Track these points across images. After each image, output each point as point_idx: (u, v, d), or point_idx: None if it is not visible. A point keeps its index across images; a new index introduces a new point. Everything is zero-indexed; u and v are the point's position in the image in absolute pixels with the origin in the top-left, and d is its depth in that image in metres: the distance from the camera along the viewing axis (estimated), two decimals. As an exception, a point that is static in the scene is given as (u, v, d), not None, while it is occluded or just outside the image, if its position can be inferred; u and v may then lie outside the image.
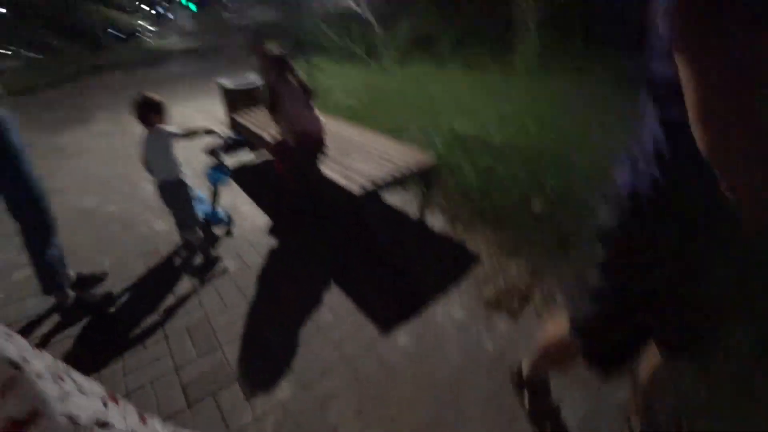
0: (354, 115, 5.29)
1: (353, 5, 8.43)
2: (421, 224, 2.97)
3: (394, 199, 3.34)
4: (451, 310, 2.13)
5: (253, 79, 5.06)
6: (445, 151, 3.90)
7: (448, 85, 7.56)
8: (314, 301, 2.25)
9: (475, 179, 3.30)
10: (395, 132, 4.51)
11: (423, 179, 2.93)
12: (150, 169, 2.53)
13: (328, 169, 2.80)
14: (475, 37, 12.24)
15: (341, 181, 2.60)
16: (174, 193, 2.54)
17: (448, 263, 2.52)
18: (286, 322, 2.12)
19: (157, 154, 2.47)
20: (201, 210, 2.77)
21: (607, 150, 4.11)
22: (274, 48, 3.05)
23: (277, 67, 2.94)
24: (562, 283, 2.27)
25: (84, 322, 2.23)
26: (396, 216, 3.14)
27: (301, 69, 7.13)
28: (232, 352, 1.95)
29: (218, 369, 1.86)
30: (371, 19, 8.66)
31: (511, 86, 6.45)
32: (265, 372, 1.83)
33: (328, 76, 8.27)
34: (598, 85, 7.98)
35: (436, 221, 3.00)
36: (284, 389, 1.74)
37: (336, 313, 2.15)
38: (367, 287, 2.34)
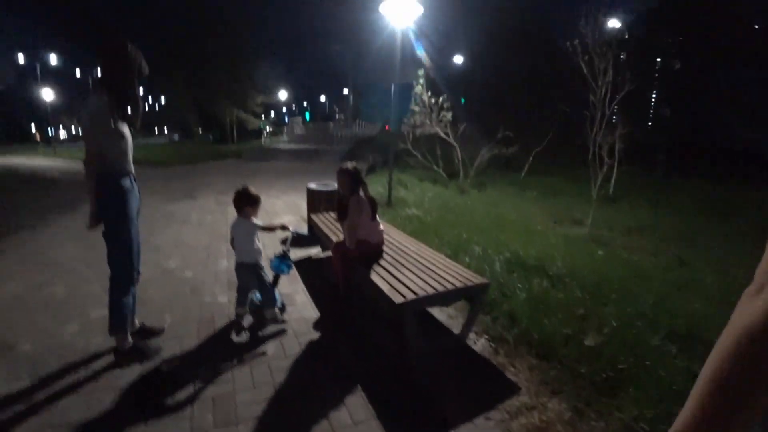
0: (421, 229, 5.56)
1: (440, 132, 9.30)
2: (461, 342, 2.92)
3: (441, 313, 3.36)
4: (473, 440, 2.01)
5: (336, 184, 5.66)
6: (503, 272, 3.92)
7: (521, 209, 7.75)
8: (337, 399, 2.25)
9: (527, 304, 3.24)
10: (457, 248, 4.65)
11: (470, 299, 2.96)
12: (234, 248, 2.95)
13: (378, 276, 2.97)
14: (554, 163, 12.72)
15: (385, 288, 2.73)
16: (250, 274, 2.91)
17: (482, 388, 2.41)
18: (304, 413, 2.14)
19: (242, 239, 2.90)
20: (257, 296, 3.07)
21: (680, 285, 3.85)
22: (348, 163, 3.49)
23: (348, 180, 3.31)
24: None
25: (131, 368, 2.46)
26: (438, 330, 3.13)
27: (384, 181, 7.89)
28: (245, 425, 2.00)
29: (228, 444, 1.91)
30: (455, 144, 9.43)
31: (584, 213, 6.46)
32: (269, 459, 1.83)
33: (408, 191, 8.92)
34: (677, 215, 7.65)
35: (480, 342, 2.92)
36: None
37: (354, 416, 2.13)
38: (393, 396, 2.30)
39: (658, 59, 16.67)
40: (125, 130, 2.44)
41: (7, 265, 4.27)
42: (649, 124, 17.35)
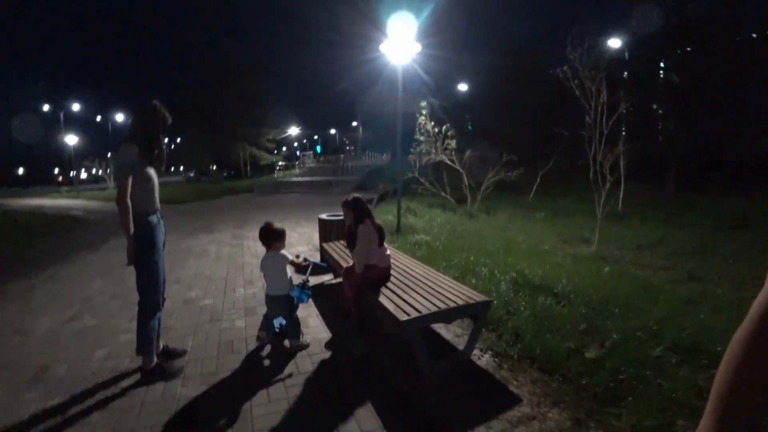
0: (429, 254, 5.71)
1: (445, 159, 9.56)
2: (466, 358, 3.02)
3: (448, 333, 3.48)
4: (474, 447, 2.11)
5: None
6: (509, 292, 4.03)
7: (530, 231, 7.84)
8: (346, 412, 2.39)
9: (531, 320, 3.34)
10: (465, 271, 4.78)
11: (474, 317, 3.09)
12: (266, 281, 3.19)
13: (385, 297, 3.13)
14: (561, 184, 12.81)
15: (391, 307, 2.89)
16: (281, 305, 3.13)
17: (484, 400, 2.52)
18: (316, 424, 2.30)
19: (273, 272, 3.13)
20: (278, 321, 3.26)
21: (688, 299, 3.86)
22: (350, 195, 3.72)
23: (354, 209, 3.56)
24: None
25: (155, 386, 2.66)
26: (445, 348, 3.25)
27: (394, 209, 8.11)
28: (261, 440, 2.16)
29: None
30: (461, 170, 9.66)
31: (593, 232, 6.51)
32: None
33: (417, 217, 9.12)
34: (689, 230, 7.59)
35: (484, 358, 3.03)
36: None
37: (362, 426, 2.25)
38: (399, 408, 2.43)
39: (662, 74, 16.90)
40: (152, 173, 2.75)
41: (39, 300, 4.56)
42: (660, 138, 17.34)
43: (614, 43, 16.50)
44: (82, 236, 9.28)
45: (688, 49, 14.77)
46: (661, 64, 16.51)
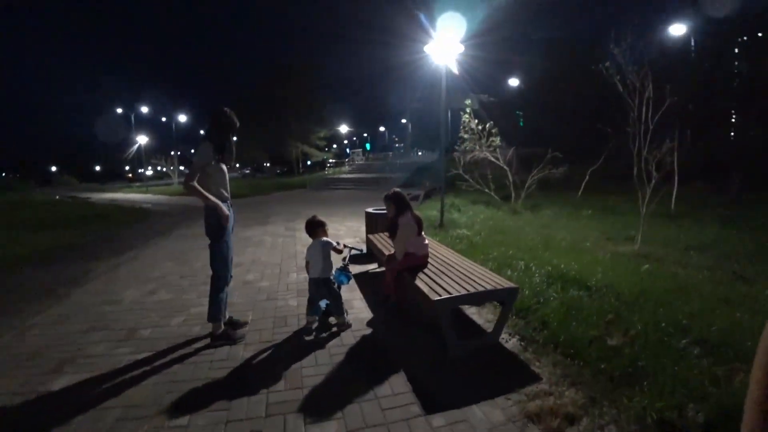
0: (469, 248, 5.94)
1: (489, 156, 9.65)
2: (494, 340, 3.27)
3: (480, 318, 3.74)
4: (491, 412, 2.38)
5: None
6: (541, 283, 4.19)
7: (573, 229, 7.80)
8: (381, 376, 2.74)
9: (560, 310, 3.51)
10: (501, 264, 4.97)
11: (502, 302, 3.32)
12: (308, 269, 3.57)
13: (420, 280, 3.46)
14: (610, 182, 12.32)
15: (425, 289, 3.21)
16: (322, 288, 3.51)
17: (507, 376, 2.77)
18: (354, 384, 2.66)
19: (316, 258, 3.52)
20: (324, 302, 3.65)
21: (729, 299, 3.82)
22: (392, 190, 4.07)
23: (395, 202, 3.91)
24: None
25: (222, 348, 3.16)
26: (475, 330, 3.53)
27: (438, 205, 8.36)
28: (309, 390, 2.57)
29: (295, 398, 2.50)
30: (505, 167, 9.71)
31: (634, 229, 6.41)
32: (321, 412, 2.36)
33: (460, 213, 9.31)
34: (748, 234, 7.16)
35: (511, 341, 3.27)
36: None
37: (394, 389, 2.60)
38: (428, 377, 2.74)
39: (736, 64, 15.57)
40: (224, 167, 3.28)
41: (124, 277, 5.30)
42: (727, 136, 16.06)
43: (675, 29, 15.43)
44: (153, 226, 10.34)
45: (759, 34, 13.62)
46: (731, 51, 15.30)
